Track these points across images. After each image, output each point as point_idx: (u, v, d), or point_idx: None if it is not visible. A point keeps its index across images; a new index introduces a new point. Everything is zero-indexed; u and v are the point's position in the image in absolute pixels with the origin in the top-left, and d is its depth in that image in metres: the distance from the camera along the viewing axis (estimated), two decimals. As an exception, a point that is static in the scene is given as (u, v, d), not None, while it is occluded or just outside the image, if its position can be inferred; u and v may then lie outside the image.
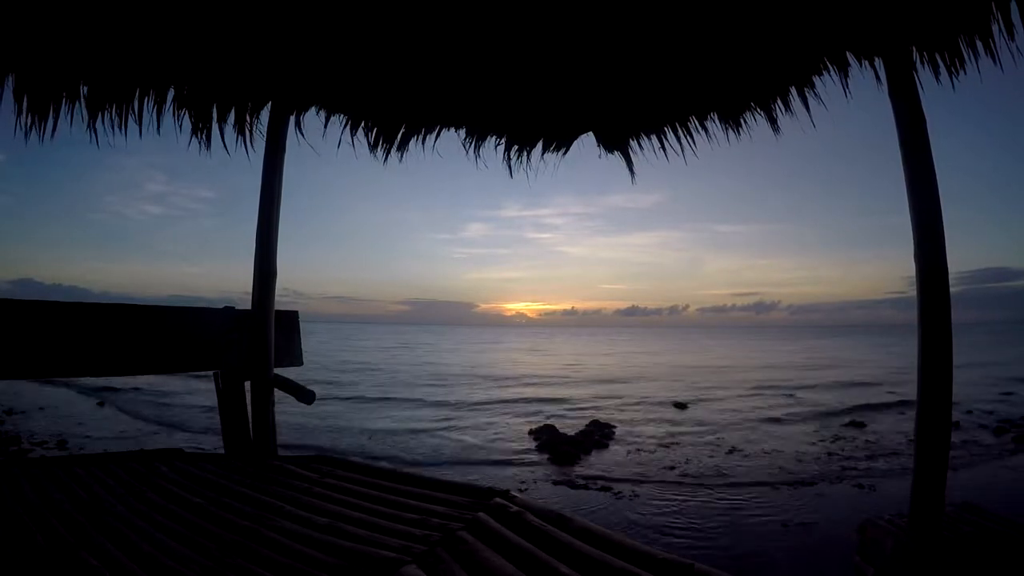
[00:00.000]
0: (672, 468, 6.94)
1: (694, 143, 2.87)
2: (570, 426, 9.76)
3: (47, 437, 8.15)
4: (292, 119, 2.84)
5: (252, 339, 2.78)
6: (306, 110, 2.86)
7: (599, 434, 9.09)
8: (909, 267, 1.87)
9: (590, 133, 3.11)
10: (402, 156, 3.11)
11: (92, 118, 2.42)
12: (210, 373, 2.87)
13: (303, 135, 2.88)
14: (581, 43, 2.32)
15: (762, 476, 6.50)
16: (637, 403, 13.32)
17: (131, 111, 2.49)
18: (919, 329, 1.82)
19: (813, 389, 15.92)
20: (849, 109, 2.30)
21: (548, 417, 10.77)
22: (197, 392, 12.48)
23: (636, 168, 3.14)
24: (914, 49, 1.96)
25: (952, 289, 1.82)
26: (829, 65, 2.24)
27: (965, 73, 1.96)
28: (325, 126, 2.89)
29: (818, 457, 7.47)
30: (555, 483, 6.31)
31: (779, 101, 2.51)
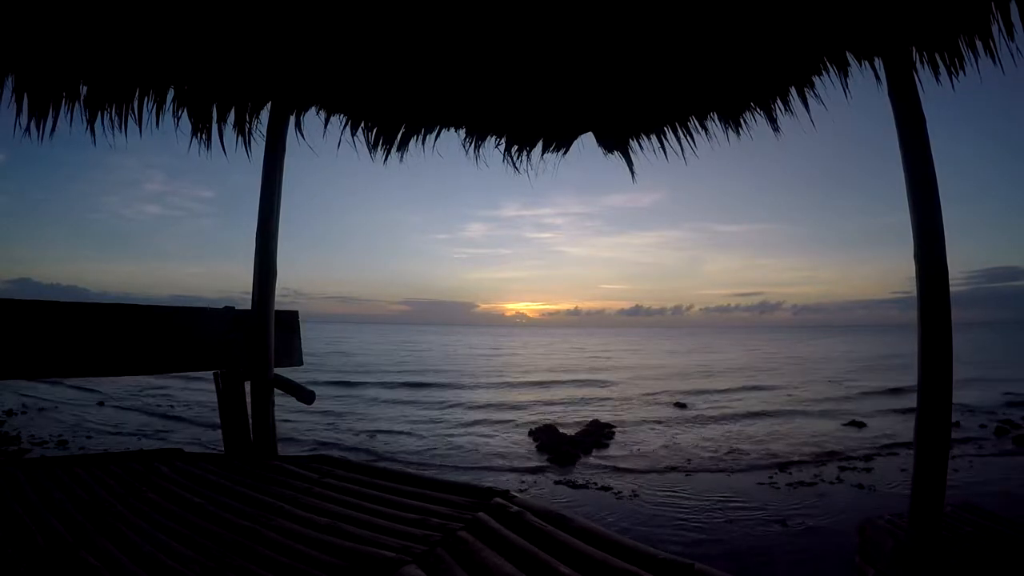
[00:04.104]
0: (673, 468, 6.94)
1: (694, 143, 2.87)
2: (571, 426, 9.76)
3: (47, 437, 8.16)
4: (292, 119, 2.84)
5: (252, 339, 2.78)
6: (306, 110, 2.86)
7: (599, 434, 9.10)
8: (913, 267, 1.87)
9: (590, 133, 3.11)
10: (402, 156, 3.11)
11: (92, 118, 2.42)
12: (209, 373, 2.87)
13: (303, 135, 2.88)
14: (581, 43, 2.32)
15: (763, 476, 6.50)
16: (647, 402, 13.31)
17: (131, 111, 2.49)
18: (919, 329, 1.82)
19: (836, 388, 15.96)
20: (849, 109, 2.30)
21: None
22: (197, 392, 12.49)
23: (636, 168, 3.14)
24: (914, 49, 1.96)
25: (960, 288, 1.82)
26: (829, 65, 2.24)
27: (965, 73, 1.96)
28: (325, 126, 2.90)
29: (817, 457, 7.48)
30: (555, 483, 6.32)
31: (779, 101, 2.51)
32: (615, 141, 3.09)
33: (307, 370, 3.35)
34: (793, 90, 2.43)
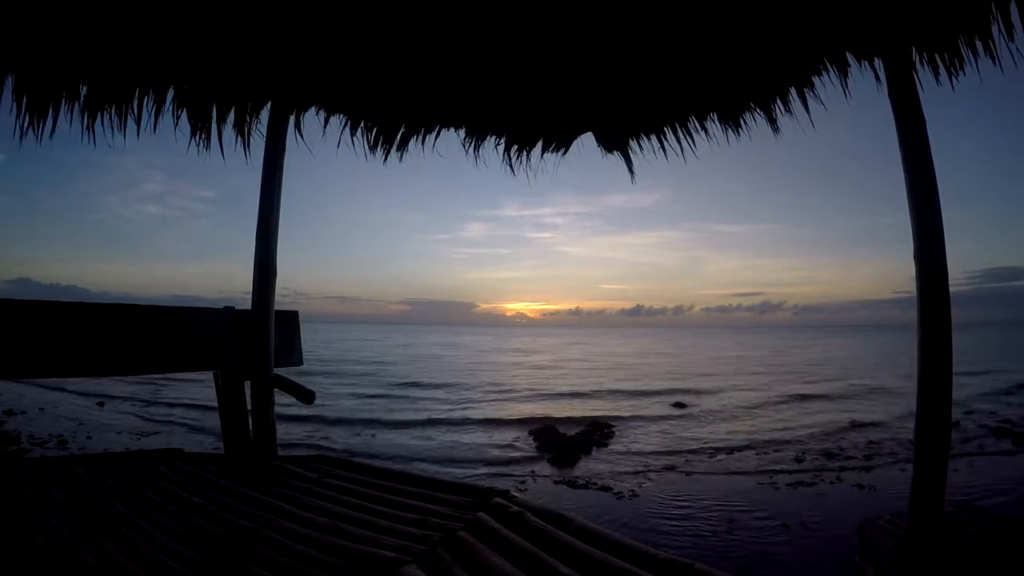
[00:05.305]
0: (672, 468, 6.94)
1: (694, 143, 2.87)
2: (571, 426, 9.77)
3: (47, 437, 8.15)
4: (292, 119, 2.84)
5: (252, 339, 2.78)
6: (306, 110, 2.86)
7: (599, 434, 9.10)
8: (913, 267, 1.87)
9: (590, 133, 3.12)
10: (402, 156, 3.11)
11: (91, 118, 2.42)
12: (209, 373, 2.87)
13: (303, 135, 2.88)
14: (581, 43, 2.32)
15: (763, 476, 6.50)
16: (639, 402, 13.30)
17: (130, 111, 2.49)
18: (919, 329, 1.82)
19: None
20: (849, 109, 2.30)
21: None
22: (197, 392, 12.48)
23: (636, 168, 3.15)
24: (914, 49, 1.96)
25: (962, 288, 1.82)
26: (829, 65, 2.24)
27: (964, 73, 1.96)
28: (325, 126, 2.90)
29: (817, 457, 7.48)
30: (555, 483, 6.32)
31: (779, 101, 2.51)
32: (615, 141, 3.09)
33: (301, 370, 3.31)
34: (793, 90, 2.44)
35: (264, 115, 2.80)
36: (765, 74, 2.43)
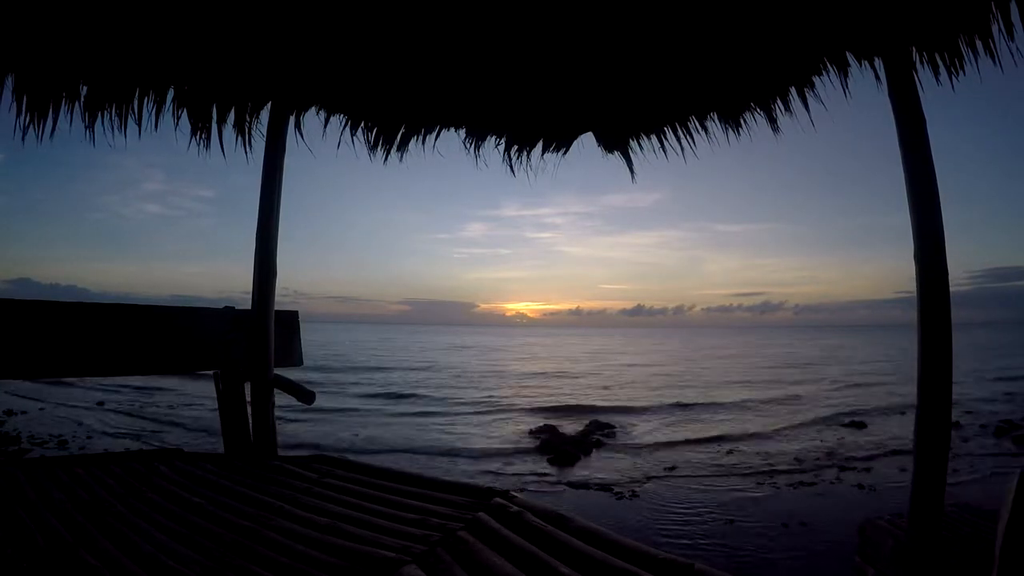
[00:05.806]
0: (672, 468, 6.94)
1: (694, 143, 2.87)
2: (571, 426, 9.77)
3: (47, 437, 8.16)
4: (292, 119, 2.84)
5: (252, 339, 2.78)
6: (306, 110, 2.86)
7: (600, 435, 9.10)
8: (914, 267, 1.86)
9: (590, 133, 3.11)
10: (402, 156, 3.11)
11: (91, 118, 2.42)
12: (210, 372, 2.87)
13: (303, 135, 2.88)
14: (581, 43, 2.32)
15: (763, 476, 6.50)
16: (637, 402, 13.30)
17: (131, 111, 2.49)
18: (919, 329, 1.82)
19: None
20: (849, 109, 2.30)
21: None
22: (197, 392, 12.48)
23: (636, 168, 3.15)
24: (914, 49, 1.96)
25: (963, 288, 1.83)
26: (829, 65, 2.24)
27: (964, 73, 1.96)
28: (325, 126, 2.90)
29: (818, 457, 7.47)
30: (555, 483, 6.32)
31: (779, 101, 2.51)
32: (615, 141, 3.09)
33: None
34: (793, 90, 2.43)
35: (264, 115, 2.80)
36: (765, 74, 2.42)
